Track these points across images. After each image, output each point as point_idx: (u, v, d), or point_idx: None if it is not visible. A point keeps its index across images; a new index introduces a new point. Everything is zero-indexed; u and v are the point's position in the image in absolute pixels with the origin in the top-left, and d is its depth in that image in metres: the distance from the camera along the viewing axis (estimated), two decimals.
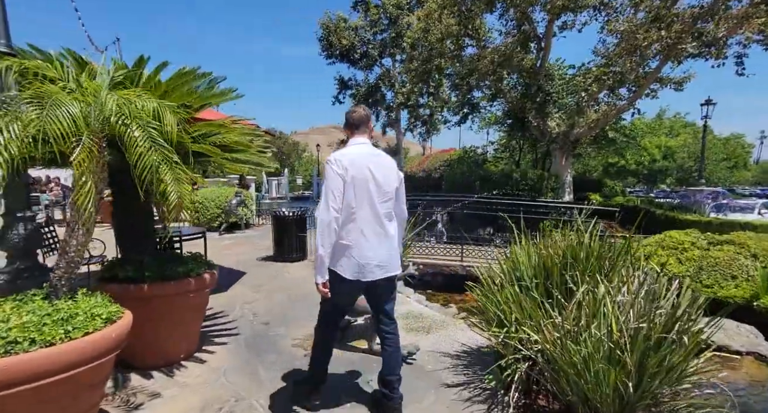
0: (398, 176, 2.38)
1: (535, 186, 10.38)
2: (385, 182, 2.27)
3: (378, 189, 2.25)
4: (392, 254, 2.33)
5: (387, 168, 2.32)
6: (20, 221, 2.41)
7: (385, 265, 2.29)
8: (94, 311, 1.95)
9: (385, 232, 2.29)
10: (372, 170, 2.24)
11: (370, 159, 2.28)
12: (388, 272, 2.32)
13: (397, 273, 2.39)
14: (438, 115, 27.68)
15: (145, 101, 2.19)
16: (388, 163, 2.35)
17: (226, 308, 4.39)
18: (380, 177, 2.26)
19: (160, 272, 2.87)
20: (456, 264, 6.74)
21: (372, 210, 2.24)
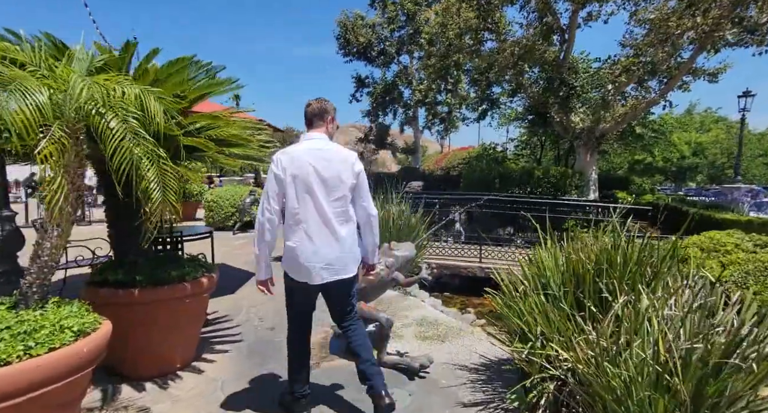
0: (353, 171, 2.18)
1: (557, 184, 9.89)
2: (332, 178, 2.13)
3: (324, 187, 2.12)
4: (344, 255, 2.17)
5: (336, 163, 2.15)
6: None
7: (334, 267, 2.15)
8: (64, 322, 1.74)
9: (334, 232, 2.14)
10: (315, 167, 2.11)
11: (315, 155, 2.13)
12: (338, 275, 2.17)
13: (350, 276, 2.22)
14: (456, 112, 27.21)
15: (127, 88, 1.97)
16: (337, 157, 2.17)
17: (231, 312, 4.20)
18: (326, 174, 2.12)
19: (152, 276, 2.67)
20: (474, 266, 6.40)
21: (317, 210, 2.12)
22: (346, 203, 2.18)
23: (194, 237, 4.49)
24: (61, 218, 1.94)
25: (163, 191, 2.08)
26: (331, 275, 2.15)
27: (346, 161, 2.17)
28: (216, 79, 2.89)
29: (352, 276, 2.25)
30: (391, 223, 5.18)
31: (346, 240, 2.18)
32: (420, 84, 24.07)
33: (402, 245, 3.35)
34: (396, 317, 4.08)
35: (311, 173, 2.11)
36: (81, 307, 1.97)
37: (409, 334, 3.63)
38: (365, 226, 2.30)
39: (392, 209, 5.33)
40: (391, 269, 3.19)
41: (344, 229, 2.17)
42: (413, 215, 5.55)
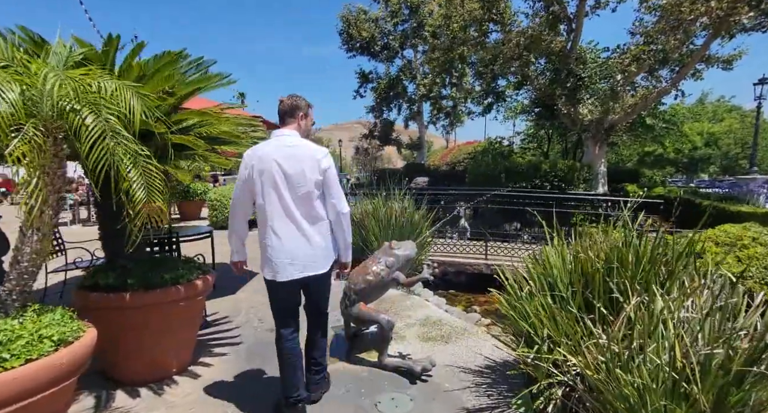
0: (319, 167, 2.15)
1: (565, 178, 9.66)
2: (296, 175, 2.12)
3: (287, 183, 2.12)
4: (312, 252, 2.17)
5: (301, 159, 2.13)
6: None
7: (301, 263, 2.15)
8: (43, 332, 1.66)
9: (300, 228, 2.15)
10: (280, 163, 2.12)
11: (282, 151, 2.14)
12: (306, 271, 2.17)
13: (319, 273, 2.21)
14: (461, 106, 26.92)
15: (104, 83, 1.87)
16: (304, 154, 2.15)
17: (231, 313, 4.12)
18: (290, 170, 2.12)
19: (144, 279, 2.59)
20: (480, 263, 6.27)
21: (282, 205, 2.13)
22: (311, 199, 2.16)
23: (193, 238, 4.41)
24: (40, 222, 1.85)
25: (148, 192, 1.99)
26: (299, 271, 2.15)
27: (313, 157, 2.15)
28: (208, 74, 2.79)
29: (322, 273, 2.22)
30: (393, 220, 5.06)
31: (314, 237, 2.17)
32: (424, 78, 23.82)
33: (403, 243, 3.23)
34: (399, 317, 3.98)
35: (276, 170, 2.11)
36: (64, 314, 1.89)
37: (412, 335, 3.52)
38: (335, 223, 2.27)
39: (395, 206, 5.22)
40: (391, 269, 3.08)
41: (311, 225, 2.17)
42: (416, 211, 5.42)
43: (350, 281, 3.08)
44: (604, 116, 10.59)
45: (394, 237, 4.96)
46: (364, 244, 5.17)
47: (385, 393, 2.60)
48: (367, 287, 3.02)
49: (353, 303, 3.02)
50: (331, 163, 2.22)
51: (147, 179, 1.99)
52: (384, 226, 4.98)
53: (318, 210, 2.20)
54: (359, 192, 6.34)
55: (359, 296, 3.02)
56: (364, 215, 5.17)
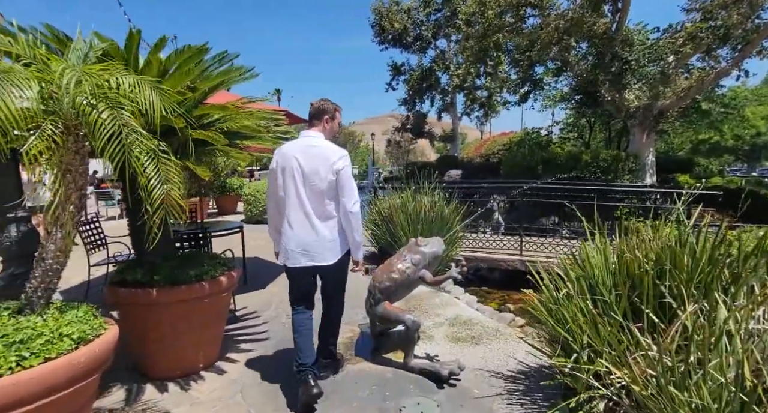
0: (332, 168, 2.32)
1: (609, 168, 9.07)
2: (311, 173, 2.31)
3: (303, 179, 2.32)
4: (318, 244, 2.36)
5: (317, 159, 2.32)
6: (12, 223, 2.24)
7: (310, 253, 2.35)
8: (63, 330, 1.67)
9: (310, 221, 2.35)
10: (299, 160, 2.32)
11: (303, 150, 2.35)
12: (314, 261, 2.37)
13: (328, 264, 2.39)
14: (497, 96, 26.09)
15: (122, 78, 1.85)
16: (321, 154, 2.34)
17: (260, 308, 4.14)
18: (306, 168, 2.32)
19: (170, 275, 2.61)
20: (514, 259, 5.99)
21: (298, 200, 2.34)
22: (323, 196, 2.34)
23: (222, 233, 4.47)
24: (63, 219, 1.87)
25: (165, 189, 1.95)
26: (308, 260, 2.37)
27: (328, 158, 2.32)
28: (230, 67, 2.75)
29: (329, 264, 2.39)
30: (422, 215, 4.91)
31: (322, 231, 2.36)
32: (458, 68, 23.23)
33: (430, 240, 3.08)
34: (427, 315, 3.84)
35: (295, 167, 2.32)
36: (87, 311, 1.90)
37: (440, 335, 3.38)
38: (344, 220, 2.41)
39: (424, 201, 5.05)
40: (417, 267, 2.94)
41: (320, 220, 2.36)
42: (447, 205, 5.23)
43: (374, 279, 2.98)
44: (653, 102, 9.84)
45: (423, 233, 4.81)
46: (392, 239, 5.06)
47: (411, 397, 2.48)
48: (392, 285, 2.90)
49: (378, 302, 2.91)
50: (346, 164, 2.35)
51: (165, 175, 1.95)
52: (413, 221, 4.84)
53: (328, 207, 2.37)
54: (388, 186, 6.21)
55: (384, 295, 2.91)
56: (393, 209, 5.05)
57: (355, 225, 2.39)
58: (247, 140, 2.80)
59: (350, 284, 4.20)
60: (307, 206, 2.34)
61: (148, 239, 2.02)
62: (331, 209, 2.38)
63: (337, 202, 2.38)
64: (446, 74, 24.39)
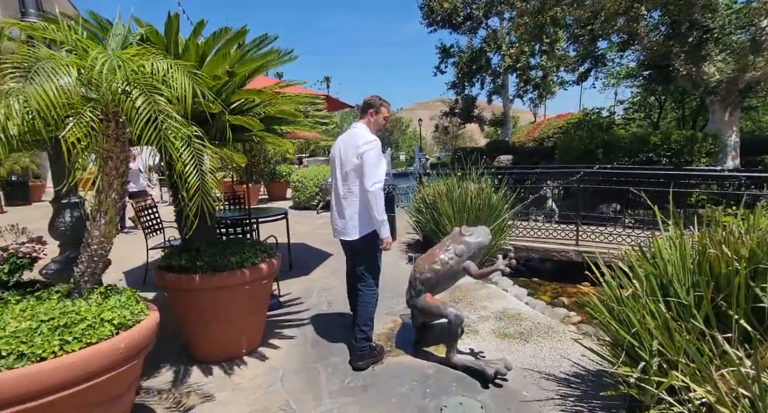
0: (356, 151, 2.53)
1: (682, 151, 8.13)
2: (345, 159, 2.62)
3: (340, 165, 2.66)
4: (344, 222, 2.67)
5: (350, 146, 2.59)
6: (66, 208, 2.35)
7: (338, 229, 2.74)
8: (105, 315, 1.70)
9: (339, 202, 2.70)
10: (340, 149, 2.66)
11: (344, 139, 2.68)
12: (342, 236, 2.73)
13: (352, 239, 2.67)
14: (553, 76, 24.54)
15: (157, 63, 1.82)
16: (352, 141, 2.60)
17: (302, 295, 4.17)
18: (342, 153, 2.64)
19: (212, 262, 2.64)
20: (570, 249, 5.56)
21: (335, 182, 2.72)
22: (350, 179, 2.62)
23: (267, 219, 4.52)
24: (106, 206, 1.90)
25: (201, 175, 1.93)
26: (339, 235, 2.76)
27: (356, 144, 2.56)
28: (270, 50, 2.68)
29: (353, 240, 2.67)
30: (468, 202, 4.66)
31: (346, 209, 2.66)
32: (510, 48, 22.05)
33: (475, 229, 2.88)
34: (472, 307, 3.65)
35: (336, 154, 2.68)
36: (131, 296, 1.94)
37: (486, 330, 3.19)
38: (362, 198, 2.61)
39: (470, 187, 4.80)
40: (461, 258, 2.76)
41: (345, 200, 2.66)
42: (495, 192, 4.93)
43: (416, 269, 2.84)
44: (741, 74, 8.64)
45: (469, 221, 4.58)
46: (436, 227, 4.87)
47: (453, 396, 2.34)
48: (434, 276, 2.74)
49: (419, 294, 2.78)
50: (370, 149, 2.53)
51: (200, 161, 1.92)
52: (458, 208, 4.61)
53: (353, 188, 2.63)
54: (433, 173, 5.99)
55: (425, 287, 2.77)
56: (437, 196, 4.85)
57: (373, 204, 2.54)
58: (286, 125, 2.74)
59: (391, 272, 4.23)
60: (339, 188, 2.67)
61: (186, 225, 2.01)
62: (355, 189, 2.62)
63: (358, 184, 2.59)
64: (498, 55, 23.23)
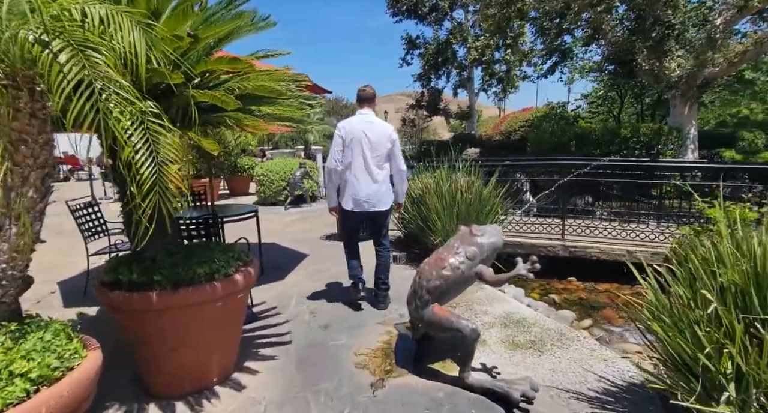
0: (390, 139, 3.20)
1: (650, 144, 8.31)
2: (375, 142, 3.16)
3: (371, 147, 3.15)
4: (378, 193, 3.20)
5: (378, 133, 3.18)
6: None
7: (371, 202, 3.19)
8: (16, 366, 1.17)
9: (374, 179, 3.18)
10: (366, 134, 3.14)
11: (365, 125, 3.17)
12: (375, 207, 3.21)
13: (383, 209, 3.26)
14: (516, 70, 24.93)
15: (90, 8, 1.29)
16: (380, 129, 3.20)
17: (279, 303, 3.67)
18: (372, 138, 3.15)
19: (173, 275, 2.11)
20: (556, 244, 5.41)
21: (364, 162, 3.15)
22: (382, 159, 3.20)
23: (235, 218, 3.97)
24: (17, 208, 1.35)
25: (158, 166, 1.42)
26: (370, 206, 3.21)
27: (385, 132, 3.20)
28: (240, 11, 2.15)
29: (385, 210, 3.27)
30: (459, 197, 4.33)
31: (381, 185, 3.22)
32: (476, 41, 22.09)
33: (486, 228, 2.52)
34: (472, 312, 3.33)
35: (362, 137, 3.13)
36: (60, 331, 1.41)
37: (494, 339, 2.87)
38: (396, 176, 3.32)
39: (460, 181, 4.47)
40: (473, 261, 2.40)
41: (380, 177, 3.20)
42: (485, 186, 4.63)
43: (421, 276, 2.45)
44: (699, 70, 8.93)
45: (460, 217, 4.25)
46: (423, 223, 4.51)
47: None
48: (443, 284, 2.36)
49: (425, 305, 2.39)
50: (396, 136, 3.25)
51: (156, 147, 1.41)
52: (448, 204, 4.27)
53: (385, 167, 3.23)
54: (416, 165, 5.62)
55: (433, 296, 2.38)
56: (425, 190, 4.48)
57: (404, 179, 3.36)
58: (264, 105, 2.24)
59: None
60: (372, 167, 3.16)
61: (138, 230, 1.50)
62: (386, 168, 3.24)
63: (389, 163, 3.25)
64: (464, 47, 23.23)
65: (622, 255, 4.95)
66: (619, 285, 4.96)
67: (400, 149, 3.26)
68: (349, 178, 3.18)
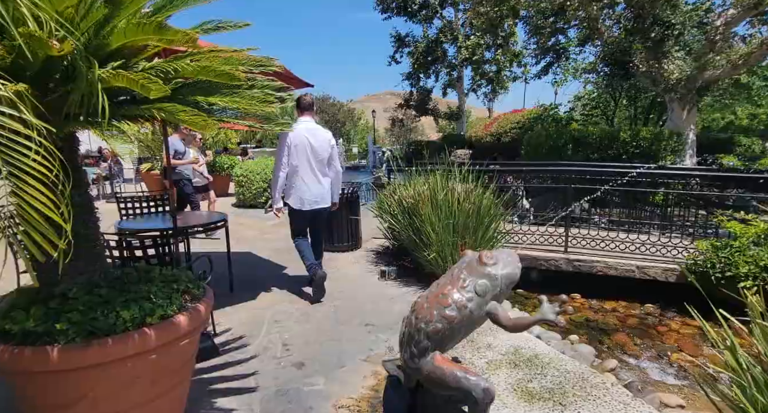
0: (329, 144, 3.73)
1: (650, 148, 7.98)
2: (320, 148, 3.65)
3: (313, 153, 3.62)
4: (324, 194, 3.73)
5: (321, 139, 3.67)
6: None
7: (318, 200, 3.69)
8: None
9: (319, 180, 3.68)
10: (310, 140, 3.61)
11: (309, 132, 3.63)
12: (319, 205, 3.71)
13: (326, 206, 3.78)
14: (506, 71, 24.71)
15: None
16: (321, 136, 3.69)
17: (248, 330, 3.13)
18: (316, 145, 3.63)
19: (86, 321, 1.56)
20: (559, 257, 4.96)
21: (310, 166, 3.62)
22: (324, 164, 3.70)
23: (201, 228, 3.41)
24: None
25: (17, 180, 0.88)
26: (316, 205, 3.68)
27: (326, 138, 3.71)
28: None
29: (327, 206, 3.78)
30: (455, 207, 3.83)
31: (325, 185, 3.72)
32: (466, 40, 21.76)
33: (500, 255, 2.03)
34: (473, 346, 2.83)
35: (306, 143, 3.60)
36: None
37: (503, 385, 2.37)
38: (334, 178, 3.82)
39: (458, 188, 3.97)
40: (484, 298, 1.91)
41: (324, 178, 3.71)
42: (484, 193, 4.14)
43: (418, 315, 1.94)
44: (700, 73, 8.63)
45: (458, 229, 3.76)
46: (416, 235, 4.00)
47: None
48: (446, 327, 1.86)
49: (423, 353, 1.88)
50: (335, 141, 3.78)
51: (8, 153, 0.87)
52: (445, 215, 3.77)
53: (326, 169, 3.72)
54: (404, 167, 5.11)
55: (433, 342, 1.88)
56: (419, 198, 3.97)
57: (340, 179, 3.92)
58: (219, 96, 1.69)
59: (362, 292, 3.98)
60: (316, 171, 3.61)
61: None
62: (326, 171, 3.70)
63: (328, 166, 3.72)
64: (454, 46, 22.87)
65: (630, 271, 4.53)
66: (627, 303, 4.55)
67: (338, 153, 3.87)
68: (297, 181, 3.59)
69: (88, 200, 1.90)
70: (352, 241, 5.33)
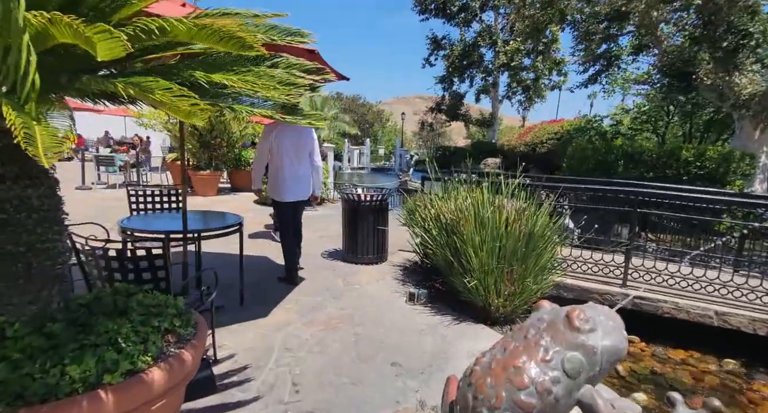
0: (311, 138, 3.88)
1: (717, 170, 7.13)
2: (303, 143, 3.80)
3: (295, 149, 3.76)
4: (302, 187, 3.86)
5: (302, 134, 3.79)
6: None
7: (297, 192, 3.83)
8: None
9: (297, 174, 3.79)
10: (293, 133, 3.72)
11: (292, 128, 3.65)
12: (298, 197, 3.87)
13: (305, 198, 3.93)
14: (544, 79, 23.80)
15: None
16: (304, 130, 3.78)
17: (255, 358, 2.66)
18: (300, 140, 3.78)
19: (16, 378, 1.10)
20: (615, 291, 4.28)
21: (289, 160, 3.74)
22: (305, 157, 3.86)
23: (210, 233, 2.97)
24: None
25: None
26: (297, 197, 3.85)
27: (309, 134, 3.85)
28: None
29: (305, 198, 3.95)
30: (503, 230, 3.25)
31: (304, 178, 3.87)
32: (505, 45, 21.02)
33: (597, 317, 1.46)
34: None
35: (289, 136, 3.72)
36: None
37: None
38: (314, 172, 3.96)
39: (507, 206, 3.39)
40: (576, 381, 1.34)
41: (303, 172, 3.85)
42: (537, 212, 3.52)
43: (477, 395, 1.39)
44: None
45: (506, 255, 3.17)
46: (454, 257, 3.44)
47: None
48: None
49: None
50: (315, 136, 3.94)
51: None
52: (491, 236, 3.20)
53: (306, 164, 3.88)
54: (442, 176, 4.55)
55: None
56: (461, 216, 3.41)
57: (320, 173, 4.08)
58: (220, 72, 1.20)
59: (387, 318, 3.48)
60: (295, 164, 3.79)
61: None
62: (307, 165, 3.89)
63: (310, 160, 3.91)
64: (491, 51, 22.13)
65: (708, 317, 3.82)
66: (700, 355, 3.83)
67: (318, 147, 3.98)
68: (280, 174, 3.73)
69: (54, 204, 1.45)
70: (378, 253, 4.81)
